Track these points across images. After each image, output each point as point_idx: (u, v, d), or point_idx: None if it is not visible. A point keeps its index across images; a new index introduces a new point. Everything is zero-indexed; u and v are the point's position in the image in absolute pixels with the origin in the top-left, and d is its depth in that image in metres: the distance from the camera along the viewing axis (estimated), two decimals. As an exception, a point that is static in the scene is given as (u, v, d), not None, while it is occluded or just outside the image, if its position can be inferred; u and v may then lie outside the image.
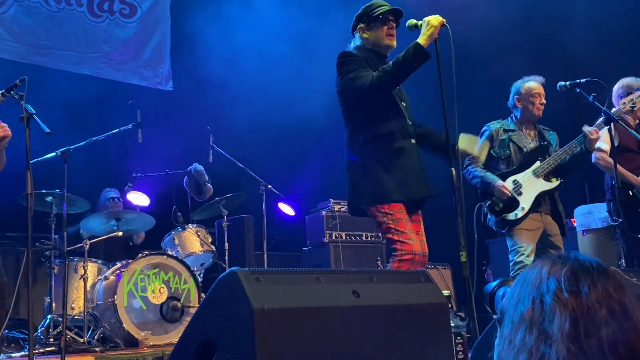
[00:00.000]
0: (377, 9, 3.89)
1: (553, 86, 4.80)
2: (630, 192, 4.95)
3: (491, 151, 4.85)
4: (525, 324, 1.27)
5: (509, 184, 4.68)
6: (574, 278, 1.26)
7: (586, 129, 4.59)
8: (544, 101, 4.84)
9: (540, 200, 4.69)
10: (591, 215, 5.78)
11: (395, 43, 3.92)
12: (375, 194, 3.77)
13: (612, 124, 4.55)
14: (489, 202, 4.70)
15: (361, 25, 3.95)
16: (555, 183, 4.72)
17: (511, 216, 4.64)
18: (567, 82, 4.65)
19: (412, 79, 3.77)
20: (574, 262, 1.30)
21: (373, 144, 3.79)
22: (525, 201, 4.66)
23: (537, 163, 4.74)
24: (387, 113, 3.81)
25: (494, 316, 1.41)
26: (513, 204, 4.66)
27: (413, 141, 3.84)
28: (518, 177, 4.72)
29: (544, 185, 4.71)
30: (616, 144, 4.84)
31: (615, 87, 5.17)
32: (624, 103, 4.82)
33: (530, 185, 4.70)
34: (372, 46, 3.94)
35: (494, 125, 4.93)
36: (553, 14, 7.34)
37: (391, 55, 3.91)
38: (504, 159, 4.82)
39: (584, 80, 4.59)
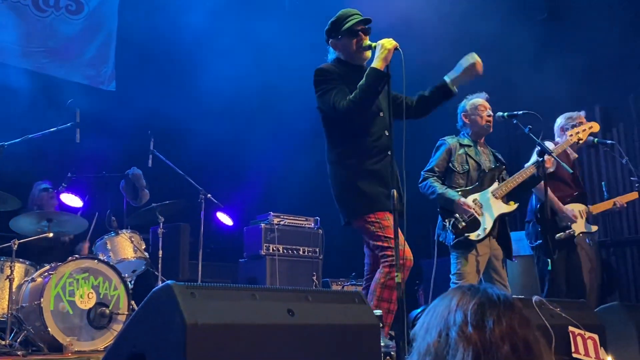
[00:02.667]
0: (346, 22, 3.91)
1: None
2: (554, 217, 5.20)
3: (450, 165, 4.77)
4: (430, 357, 1.30)
5: (469, 202, 4.60)
6: (480, 312, 1.29)
7: (546, 156, 4.63)
8: (490, 113, 4.85)
9: (496, 223, 4.64)
10: (521, 242, 5.95)
11: (369, 54, 3.93)
12: (357, 208, 3.82)
13: (545, 156, 4.70)
14: (453, 219, 4.58)
15: (332, 40, 4.00)
16: (513, 206, 4.71)
17: (474, 236, 4.56)
18: (505, 113, 4.79)
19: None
20: (483, 294, 1.33)
21: (347, 160, 3.85)
22: (486, 222, 4.60)
23: (496, 184, 4.73)
24: (361, 130, 3.85)
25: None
26: (474, 223, 4.58)
27: (389, 153, 3.80)
28: (478, 196, 4.66)
29: (503, 208, 4.69)
30: (552, 170, 5.10)
31: (558, 122, 5.47)
32: (571, 135, 5.06)
33: (490, 206, 4.65)
34: (346, 59, 3.97)
35: (450, 140, 4.87)
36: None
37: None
38: (462, 174, 4.74)
39: (521, 112, 4.74)
